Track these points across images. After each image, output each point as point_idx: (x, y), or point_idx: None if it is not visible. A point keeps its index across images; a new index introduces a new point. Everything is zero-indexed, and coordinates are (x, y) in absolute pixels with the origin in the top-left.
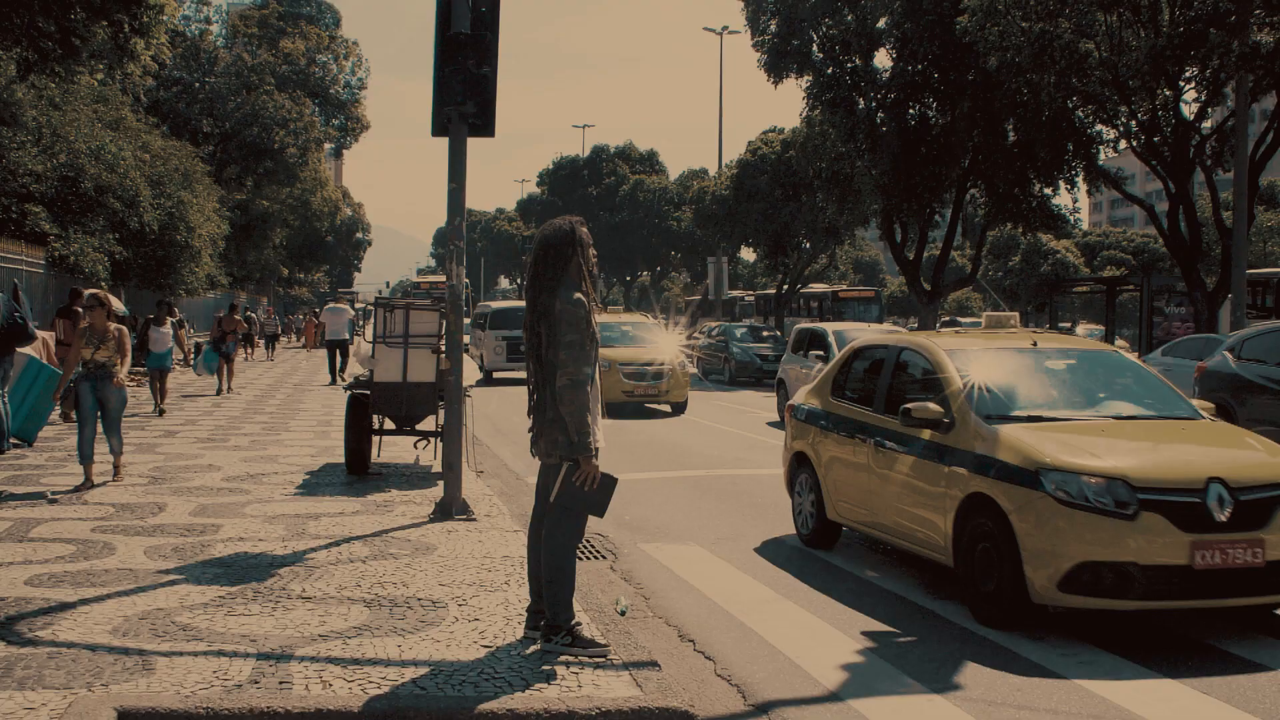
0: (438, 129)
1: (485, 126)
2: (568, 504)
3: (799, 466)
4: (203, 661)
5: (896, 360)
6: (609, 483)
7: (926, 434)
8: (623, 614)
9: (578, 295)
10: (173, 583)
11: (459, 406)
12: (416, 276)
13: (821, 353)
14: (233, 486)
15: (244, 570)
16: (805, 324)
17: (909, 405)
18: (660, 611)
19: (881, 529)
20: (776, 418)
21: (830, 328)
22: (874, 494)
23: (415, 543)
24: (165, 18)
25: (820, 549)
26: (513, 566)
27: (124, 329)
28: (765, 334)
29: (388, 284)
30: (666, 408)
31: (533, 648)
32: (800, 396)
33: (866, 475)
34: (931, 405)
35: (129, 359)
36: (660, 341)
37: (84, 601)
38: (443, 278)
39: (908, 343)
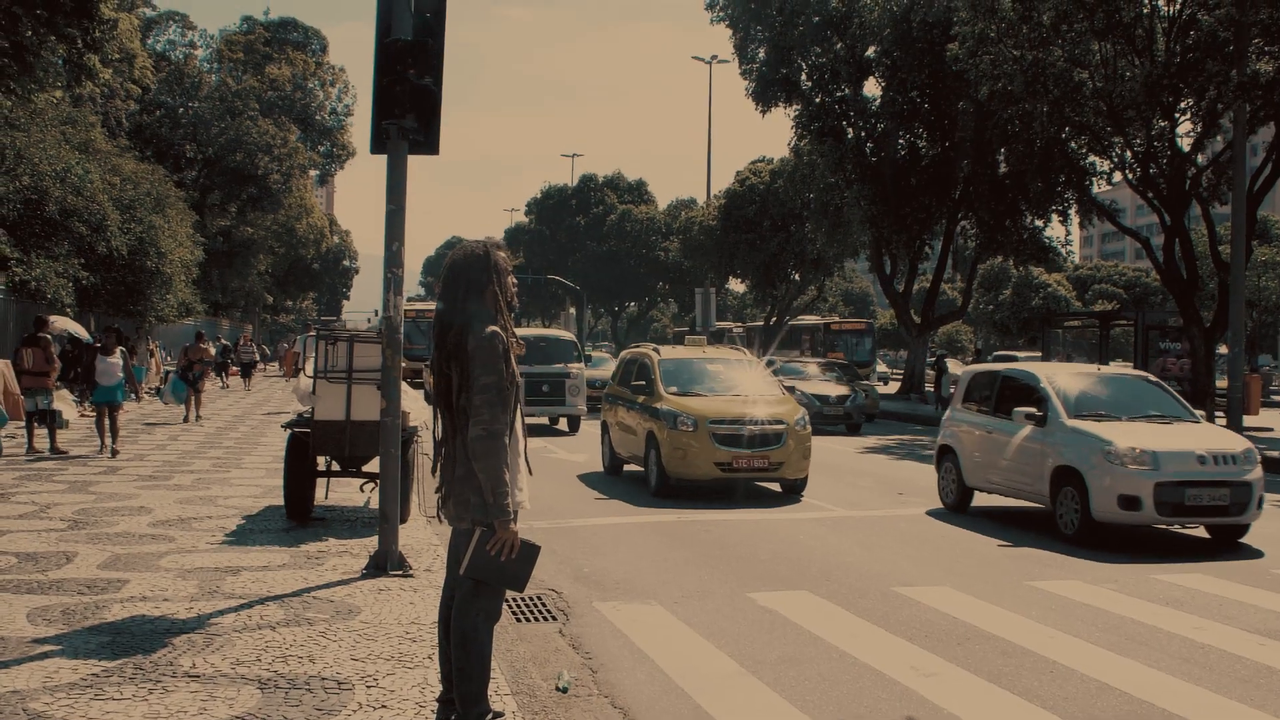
0: (376, 145)
1: (428, 143)
2: (481, 576)
3: None
4: None
5: None
6: (530, 552)
7: None
8: (563, 691)
9: (493, 329)
10: (46, 655)
11: (395, 451)
12: (404, 305)
13: (1036, 410)
14: (157, 533)
15: (134, 639)
16: (988, 366)
17: None
18: (607, 688)
19: None
20: (935, 503)
21: (1042, 372)
22: None
23: (338, 604)
24: (121, 32)
25: None
26: None
27: (5, 361)
28: (826, 371)
29: (376, 312)
30: (775, 487)
31: None
32: None
33: None
34: None
35: (12, 393)
36: (760, 385)
37: None
38: (431, 305)
39: None
